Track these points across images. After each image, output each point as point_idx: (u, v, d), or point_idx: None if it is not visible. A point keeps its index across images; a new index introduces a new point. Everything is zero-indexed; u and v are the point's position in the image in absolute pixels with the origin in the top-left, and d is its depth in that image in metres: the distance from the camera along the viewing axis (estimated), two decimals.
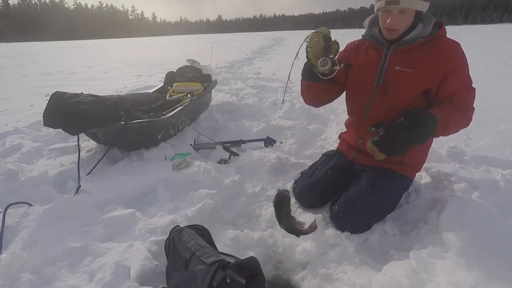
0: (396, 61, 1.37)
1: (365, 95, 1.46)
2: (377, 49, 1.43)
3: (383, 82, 1.40)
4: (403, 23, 1.29)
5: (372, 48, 1.46)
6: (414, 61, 1.34)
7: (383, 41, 1.39)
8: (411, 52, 1.35)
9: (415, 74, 1.34)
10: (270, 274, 1.34)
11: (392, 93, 1.39)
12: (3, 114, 3.76)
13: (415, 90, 1.37)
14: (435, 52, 1.33)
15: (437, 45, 1.34)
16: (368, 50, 1.48)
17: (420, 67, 1.33)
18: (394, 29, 1.30)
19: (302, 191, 1.65)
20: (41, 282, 1.14)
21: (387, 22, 1.29)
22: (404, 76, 1.35)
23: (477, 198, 1.37)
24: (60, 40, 62.52)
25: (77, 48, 21.51)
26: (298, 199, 1.67)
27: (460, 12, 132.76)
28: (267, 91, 4.77)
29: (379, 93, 1.42)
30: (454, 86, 1.33)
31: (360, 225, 1.42)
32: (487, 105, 3.42)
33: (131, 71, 7.99)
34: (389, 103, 1.41)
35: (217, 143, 2.37)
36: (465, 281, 0.99)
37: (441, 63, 1.32)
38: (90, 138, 2.44)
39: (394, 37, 1.34)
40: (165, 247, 1.14)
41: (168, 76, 3.49)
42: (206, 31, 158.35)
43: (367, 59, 1.47)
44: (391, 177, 1.46)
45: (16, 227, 1.40)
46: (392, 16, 1.27)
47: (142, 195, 1.80)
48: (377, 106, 1.45)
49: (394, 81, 1.37)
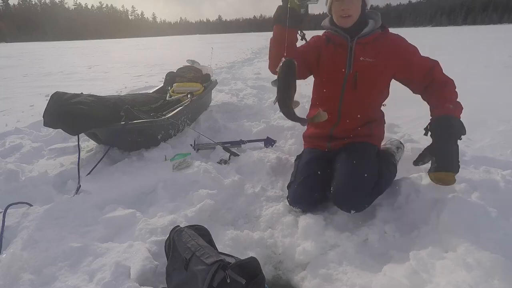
0: (359, 53, 1.54)
1: (336, 86, 1.61)
2: (341, 43, 1.58)
3: (351, 72, 1.56)
4: (354, 8, 1.48)
5: (336, 43, 1.61)
6: (373, 52, 1.53)
7: (346, 35, 1.55)
8: (369, 44, 1.53)
9: (377, 63, 1.53)
10: (270, 274, 1.33)
11: (361, 82, 1.56)
12: (3, 114, 3.76)
13: (380, 79, 1.59)
14: (389, 43, 1.54)
15: (388, 38, 1.56)
16: (333, 44, 1.62)
17: (380, 56, 1.53)
18: (349, 15, 1.48)
19: (295, 196, 1.60)
20: (41, 282, 1.14)
21: (341, 9, 1.47)
22: (368, 65, 1.53)
23: (477, 199, 1.37)
24: (60, 40, 62.51)
25: (77, 48, 21.52)
26: (296, 205, 1.61)
27: (460, 13, 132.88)
28: (267, 92, 4.78)
29: (349, 83, 1.58)
30: (421, 65, 1.53)
31: (363, 199, 1.47)
32: (487, 105, 3.43)
33: (131, 71, 8.00)
34: (359, 94, 1.59)
35: (217, 144, 2.37)
36: (465, 281, 0.99)
37: (397, 51, 1.53)
38: (90, 138, 2.44)
39: (349, 25, 1.51)
40: (165, 247, 1.14)
41: (168, 77, 3.49)
42: (206, 32, 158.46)
43: (334, 52, 1.61)
44: (365, 146, 1.64)
45: (16, 227, 1.40)
46: (344, 3, 1.46)
47: (142, 195, 1.80)
48: (349, 98, 1.61)
49: (361, 71, 1.55)
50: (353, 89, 1.58)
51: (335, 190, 1.49)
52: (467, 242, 1.14)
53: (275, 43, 1.55)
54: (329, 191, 1.54)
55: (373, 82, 1.58)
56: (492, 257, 1.06)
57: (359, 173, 1.48)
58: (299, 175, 1.65)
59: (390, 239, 1.39)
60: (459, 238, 1.17)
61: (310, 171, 1.63)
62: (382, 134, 1.80)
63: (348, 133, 1.68)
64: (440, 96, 1.51)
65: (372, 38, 1.53)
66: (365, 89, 1.58)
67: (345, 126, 1.68)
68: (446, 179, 1.43)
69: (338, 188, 1.48)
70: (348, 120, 1.67)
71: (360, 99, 1.61)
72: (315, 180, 1.61)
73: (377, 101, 1.71)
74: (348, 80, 1.58)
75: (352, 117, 1.66)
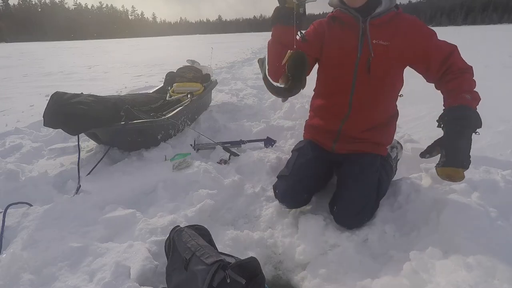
0: (373, 35, 1.39)
1: (347, 72, 1.46)
2: (351, 23, 1.43)
3: (364, 56, 1.41)
4: None
5: (345, 23, 1.45)
6: (388, 34, 1.39)
7: (357, 14, 1.40)
8: (382, 26, 1.39)
9: (392, 47, 1.38)
10: (270, 274, 1.33)
11: (374, 68, 1.40)
12: (3, 114, 3.76)
13: (396, 64, 1.43)
14: (405, 25, 1.39)
15: (403, 19, 1.40)
16: (342, 25, 1.47)
17: (396, 40, 1.38)
18: None
19: (286, 193, 1.56)
20: (41, 282, 1.14)
21: None
22: (383, 49, 1.39)
23: (477, 199, 1.37)
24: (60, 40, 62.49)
25: (77, 48, 21.52)
26: (283, 202, 1.59)
27: (460, 13, 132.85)
28: (267, 91, 4.73)
29: (361, 69, 1.43)
30: (440, 51, 1.39)
31: (364, 221, 1.46)
32: (487, 105, 3.41)
33: (131, 71, 8.00)
34: (373, 82, 1.43)
35: (217, 144, 2.36)
36: (465, 281, 0.99)
37: (413, 34, 1.39)
38: (90, 138, 2.44)
39: (359, 4, 1.37)
40: (165, 247, 1.14)
41: (168, 77, 3.49)
42: (206, 32, 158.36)
43: (342, 34, 1.45)
44: (372, 162, 1.52)
45: (16, 227, 1.40)
46: None
47: (142, 195, 1.80)
48: (362, 86, 1.45)
49: (375, 55, 1.39)
50: (366, 76, 1.42)
51: (338, 213, 1.47)
52: (467, 242, 1.14)
53: (274, 43, 1.40)
54: (332, 206, 1.52)
55: (387, 69, 1.42)
56: (492, 257, 1.06)
57: (362, 201, 1.44)
58: (295, 172, 1.56)
59: (390, 239, 1.39)
60: (459, 238, 1.17)
61: (308, 172, 1.56)
62: (391, 139, 1.68)
63: (357, 133, 1.56)
64: (456, 84, 1.36)
65: (386, 19, 1.38)
66: (379, 76, 1.42)
67: (356, 121, 1.53)
68: (454, 176, 1.34)
69: (341, 215, 1.46)
70: (360, 113, 1.52)
71: (373, 87, 1.45)
72: (311, 182, 1.56)
73: (392, 91, 1.54)
74: (360, 65, 1.42)
75: (365, 109, 1.51)
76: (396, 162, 1.89)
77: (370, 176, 1.49)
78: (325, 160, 1.63)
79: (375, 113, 1.54)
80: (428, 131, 2.71)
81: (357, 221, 1.45)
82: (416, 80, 1.78)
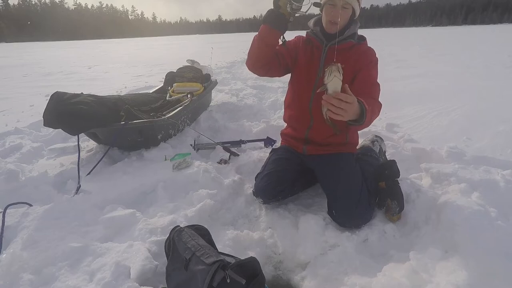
0: (331, 58, 1.53)
1: (308, 88, 1.64)
2: (317, 46, 1.63)
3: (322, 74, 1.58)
4: (343, 17, 1.51)
5: (313, 45, 1.65)
6: (342, 58, 1.51)
7: (323, 39, 1.61)
8: (340, 52, 1.54)
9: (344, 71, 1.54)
10: (270, 274, 1.33)
11: None
12: (3, 114, 3.76)
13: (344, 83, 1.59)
14: (358, 52, 1.58)
15: (360, 48, 1.60)
16: (310, 46, 1.66)
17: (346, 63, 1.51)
18: (336, 22, 1.49)
19: (258, 186, 1.67)
20: (41, 282, 1.14)
21: (331, 14, 1.50)
22: None
23: (476, 199, 1.37)
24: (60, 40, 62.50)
25: (77, 48, 21.52)
26: (258, 195, 1.68)
27: (460, 13, 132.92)
28: (267, 91, 4.77)
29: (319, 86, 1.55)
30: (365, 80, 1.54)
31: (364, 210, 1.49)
32: (487, 105, 3.43)
33: (131, 71, 7.99)
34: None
35: (217, 143, 2.37)
36: (465, 281, 0.99)
37: (359, 59, 1.56)
38: (90, 138, 2.44)
39: (334, 31, 1.51)
40: (165, 247, 1.14)
41: (168, 77, 3.49)
42: (206, 31, 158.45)
43: (309, 55, 1.65)
44: (345, 158, 1.67)
45: (16, 227, 1.40)
46: (336, 9, 1.49)
47: (142, 195, 1.80)
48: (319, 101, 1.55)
49: None
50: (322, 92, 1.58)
51: (339, 215, 1.50)
52: (467, 242, 1.14)
53: (259, 39, 1.57)
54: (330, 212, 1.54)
55: None
56: (492, 257, 1.06)
57: (355, 192, 1.50)
58: (267, 168, 1.72)
59: (390, 239, 1.40)
60: (459, 238, 1.17)
61: (279, 167, 1.70)
62: (357, 140, 1.83)
63: (322, 140, 1.70)
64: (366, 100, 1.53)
65: (347, 46, 1.57)
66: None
67: (319, 129, 1.69)
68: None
69: (342, 215, 1.49)
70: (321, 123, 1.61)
71: None
72: (282, 175, 1.67)
73: None
74: (319, 83, 1.58)
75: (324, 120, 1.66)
76: (384, 154, 2.01)
77: (351, 170, 1.60)
78: (297, 157, 1.77)
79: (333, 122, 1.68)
80: (428, 131, 2.73)
81: (358, 214, 1.46)
82: (416, 80, 1.78)
